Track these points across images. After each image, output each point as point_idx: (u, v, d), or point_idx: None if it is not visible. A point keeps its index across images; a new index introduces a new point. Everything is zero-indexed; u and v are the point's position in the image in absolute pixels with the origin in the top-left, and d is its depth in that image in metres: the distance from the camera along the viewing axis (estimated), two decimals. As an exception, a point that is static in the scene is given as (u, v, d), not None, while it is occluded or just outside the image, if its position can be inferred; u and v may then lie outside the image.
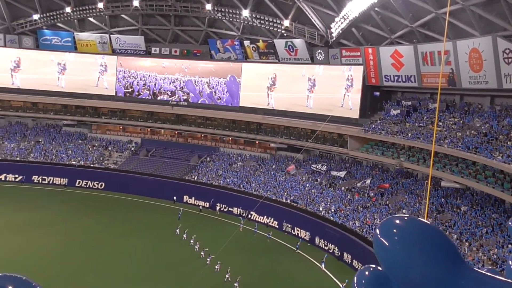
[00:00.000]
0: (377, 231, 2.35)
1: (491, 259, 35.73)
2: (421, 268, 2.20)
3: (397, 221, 2.35)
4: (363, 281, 2.91)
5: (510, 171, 38.54)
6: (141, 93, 73.59)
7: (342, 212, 50.46)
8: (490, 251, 36.72)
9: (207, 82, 70.71)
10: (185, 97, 71.76)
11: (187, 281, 38.20)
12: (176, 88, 72.17)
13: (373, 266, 2.96)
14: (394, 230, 2.31)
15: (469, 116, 49.03)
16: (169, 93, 72.51)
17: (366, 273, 2.97)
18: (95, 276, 38.88)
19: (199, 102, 71.02)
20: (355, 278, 2.99)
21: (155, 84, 73.10)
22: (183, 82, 71.77)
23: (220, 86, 70.04)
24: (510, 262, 3.85)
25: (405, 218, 2.40)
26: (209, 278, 39.57)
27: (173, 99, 72.02)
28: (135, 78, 73.69)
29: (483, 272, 2.19)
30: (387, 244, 2.31)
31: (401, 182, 52.42)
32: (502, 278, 2.22)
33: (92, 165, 69.67)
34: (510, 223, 4.94)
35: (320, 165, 59.75)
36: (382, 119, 55.24)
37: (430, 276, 2.20)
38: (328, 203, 52.74)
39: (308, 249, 48.52)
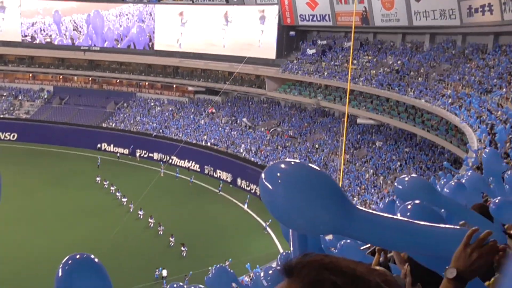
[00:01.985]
0: (262, 175, 2.26)
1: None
2: (308, 213, 2.17)
3: (283, 166, 2.27)
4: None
5: (421, 106, 40.23)
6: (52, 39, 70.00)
7: (263, 152, 51.19)
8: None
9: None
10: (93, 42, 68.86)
11: (110, 228, 37.85)
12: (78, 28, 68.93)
13: None
14: (278, 174, 2.23)
15: (382, 53, 50.37)
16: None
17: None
18: (15, 228, 37.72)
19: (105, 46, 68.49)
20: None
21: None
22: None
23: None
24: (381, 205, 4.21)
25: (292, 162, 2.32)
26: (132, 224, 39.44)
27: (86, 45, 69.04)
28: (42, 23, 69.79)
29: (371, 211, 2.22)
30: (271, 188, 2.23)
31: (319, 121, 53.60)
32: (388, 215, 2.28)
33: (1, 116, 66.41)
34: (444, 163, 5.18)
35: (239, 109, 59.87)
36: (299, 59, 55.72)
37: (319, 220, 2.18)
38: (249, 145, 53.27)
39: (230, 190, 49.11)
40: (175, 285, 6.83)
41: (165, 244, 37.23)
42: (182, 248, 35.62)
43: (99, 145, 61.04)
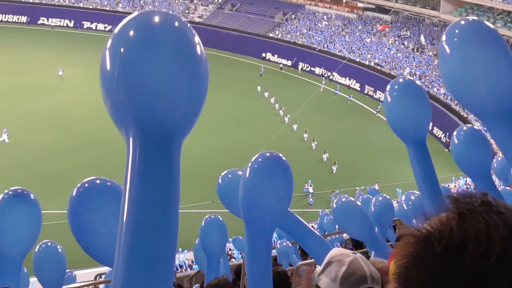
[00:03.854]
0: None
1: None
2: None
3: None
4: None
5: None
6: None
7: (427, 77, 48.88)
8: None
9: None
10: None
11: (265, 136, 39.21)
12: None
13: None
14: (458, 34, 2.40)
15: None
16: None
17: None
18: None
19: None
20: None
21: None
22: None
23: None
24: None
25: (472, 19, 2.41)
26: (286, 136, 40.41)
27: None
28: None
29: None
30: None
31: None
32: None
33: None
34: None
35: (407, 32, 57.03)
36: (482, -20, 51.14)
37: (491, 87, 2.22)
38: (414, 68, 51.09)
39: (388, 112, 47.90)
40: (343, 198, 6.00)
41: (317, 158, 37.84)
42: (333, 167, 35.99)
43: (263, 54, 62.27)
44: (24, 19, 69.16)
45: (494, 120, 2.33)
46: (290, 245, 8.70)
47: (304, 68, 59.40)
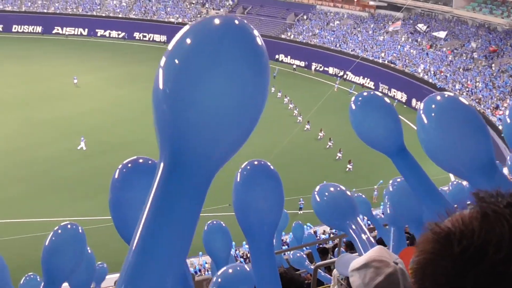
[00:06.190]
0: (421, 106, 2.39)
1: None
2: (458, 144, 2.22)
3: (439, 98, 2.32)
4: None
5: None
6: None
7: (442, 73, 48.62)
8: None
9: None
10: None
11: (280, 136, 39.27)
12: None
13: None
14: (433, 106, 2.30)
15: None
16: None
17: None
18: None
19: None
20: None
21: None
22: None
23: None
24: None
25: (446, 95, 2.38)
26: (301, 135, 40.47)
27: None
28: None
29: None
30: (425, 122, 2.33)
31: (509, 44, 49.12)
32: None
33: (189, 23, 70.17)
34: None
35: (421, 25, 56.78)
36: (494, -26, 50.79)
37: (467, 158, 2.22)
38: (428, 64, 50.85)
39: (404, 111, 47.49)
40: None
41: (332, 157, 37.85)
42: (349, 165, 35.97)
43: (277, 56, 62.37)
44: (39, 29, 70.05)
45: (470, 179, 2.51)
46: (304, 255, 9.95)
47: (317, 69, 59.41)
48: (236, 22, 1.33)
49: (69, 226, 3.81)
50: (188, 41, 1.29)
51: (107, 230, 19.37)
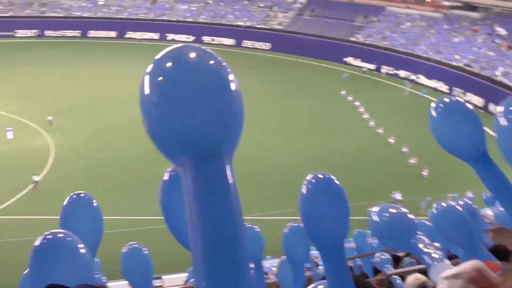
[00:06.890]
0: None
1: None
2: None
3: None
4: None
5: None
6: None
7: (522, 77, 46.45)
8: None
9: None
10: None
11: (349, 141, 38.57)
12: None
13: None
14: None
15: None
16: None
17: None
18: (255, 130, 38.70)
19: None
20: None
21: None
22: None
23: None
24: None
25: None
26: (371, 140, 39.60)
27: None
28: None
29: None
30: None
31: None
32: None
33: (258, 26, 70.46)
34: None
35: (501, 29, 54.43)
36: None
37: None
38: (507, 67, 48.70)
39: (480, 116, 45.76)
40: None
41: (404, 163, 36.72)
42: (423, 172, 34.68)
43: (345, 59, 61.49)
44: (113, 34, 72.18)
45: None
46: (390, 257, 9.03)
47: (388, 72, 58.11)
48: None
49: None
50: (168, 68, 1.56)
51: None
